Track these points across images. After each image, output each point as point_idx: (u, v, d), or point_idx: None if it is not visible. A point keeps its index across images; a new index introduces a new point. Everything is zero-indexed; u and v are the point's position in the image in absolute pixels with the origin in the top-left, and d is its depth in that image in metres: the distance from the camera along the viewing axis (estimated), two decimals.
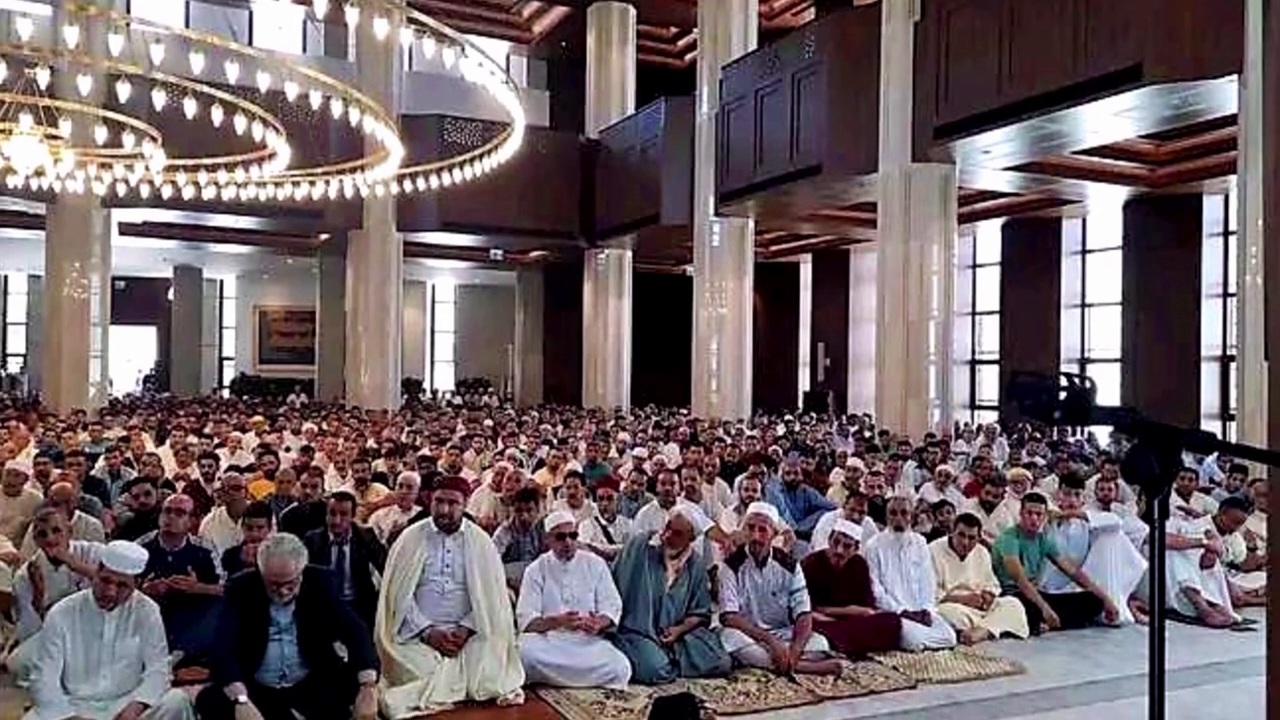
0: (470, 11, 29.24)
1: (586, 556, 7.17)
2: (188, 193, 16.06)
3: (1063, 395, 2.29)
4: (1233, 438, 14.46)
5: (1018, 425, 19.02)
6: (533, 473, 11.88)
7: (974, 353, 26.79)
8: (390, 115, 16.72)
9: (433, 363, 42.69)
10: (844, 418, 22.98)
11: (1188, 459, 11.72)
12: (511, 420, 20.30)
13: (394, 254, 25.27)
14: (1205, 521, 9.57)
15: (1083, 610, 8.44)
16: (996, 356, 25.55)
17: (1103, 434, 17.97)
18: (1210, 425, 19.98)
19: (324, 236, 28.34)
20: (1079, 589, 8.61)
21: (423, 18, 10.28)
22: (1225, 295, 20.10)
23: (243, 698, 5.34)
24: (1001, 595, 8.31)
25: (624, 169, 25.64)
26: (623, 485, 10.11)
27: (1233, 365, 15.59)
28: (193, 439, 13.85)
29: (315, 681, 5.69)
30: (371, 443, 14.94)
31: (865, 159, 17.56)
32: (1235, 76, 12.23)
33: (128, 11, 17.08)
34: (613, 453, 14.26)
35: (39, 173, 14.76)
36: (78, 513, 7.79)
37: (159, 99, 11.93)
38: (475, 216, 24.71)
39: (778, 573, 7.27)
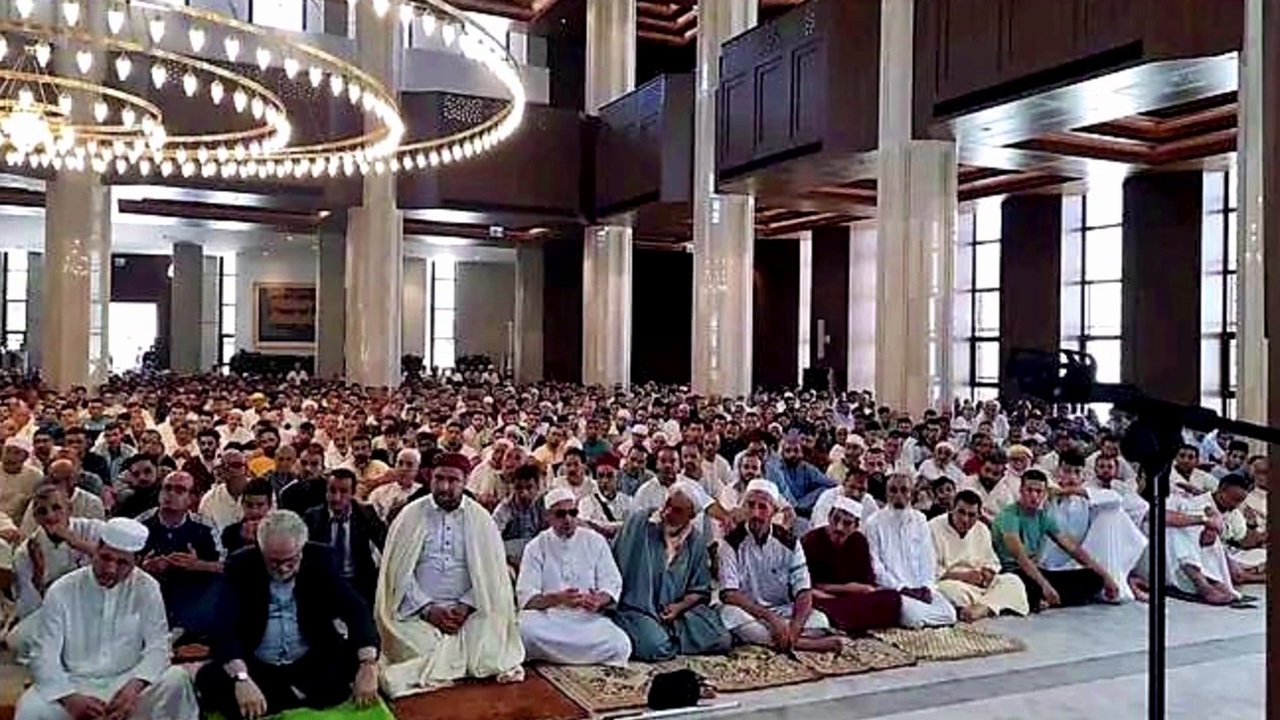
0: None
1: (586, 534, 7.17)
2: (188, 170, 16.07)
3: (1063, 372, 2.29)
4: (1233, 415, 14.46)
5: (1018, 402, 19.02)
6: (533, 450, 11.90)
7: (974, 330, 26.81)
8: (390, 92, 16.70)
9: (433, 340, 42.68)
10: (844, 395, 23.01)
11: (1188, 436, 11.75)
12: (511, 397, 20.31)
13: (394, 231, 25.30)
14: (1205, 499, 9.57)
15: (1083, 587, 8.45)
16: (996, 334, 25.55)
17: (1103, 411, 17.96)
18: (1210, 402, 20.05)
19: (324, 214, 28.33)
20: (1079, 566, 8.61)
21: None
22: (1225, 272, 20.11)
23: (243, 675, 5.36)
24: (1001, 572, 8.32)
25: (624, 146, 25.60)
26: (623, 462, 10.15)
27: (1233, 342, 15.57)
28: (193, 416, 13.85)
29: (315, 659, 5.71)
30: (371, 420, 14.95)
31: (865, 136, 17.53)
32: (1235, 53, 12.20)
33: None
34: (613, 430, 14.26)
35: (39, 150, 14.74)
36: (78, 490, 7.77)
37: (159, 76, 11.95)
38: (475, 194, 24.67)
39: (778, 550, 7.27)
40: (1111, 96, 14.64)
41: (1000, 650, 7.04)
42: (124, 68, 11.42)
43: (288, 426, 13.65)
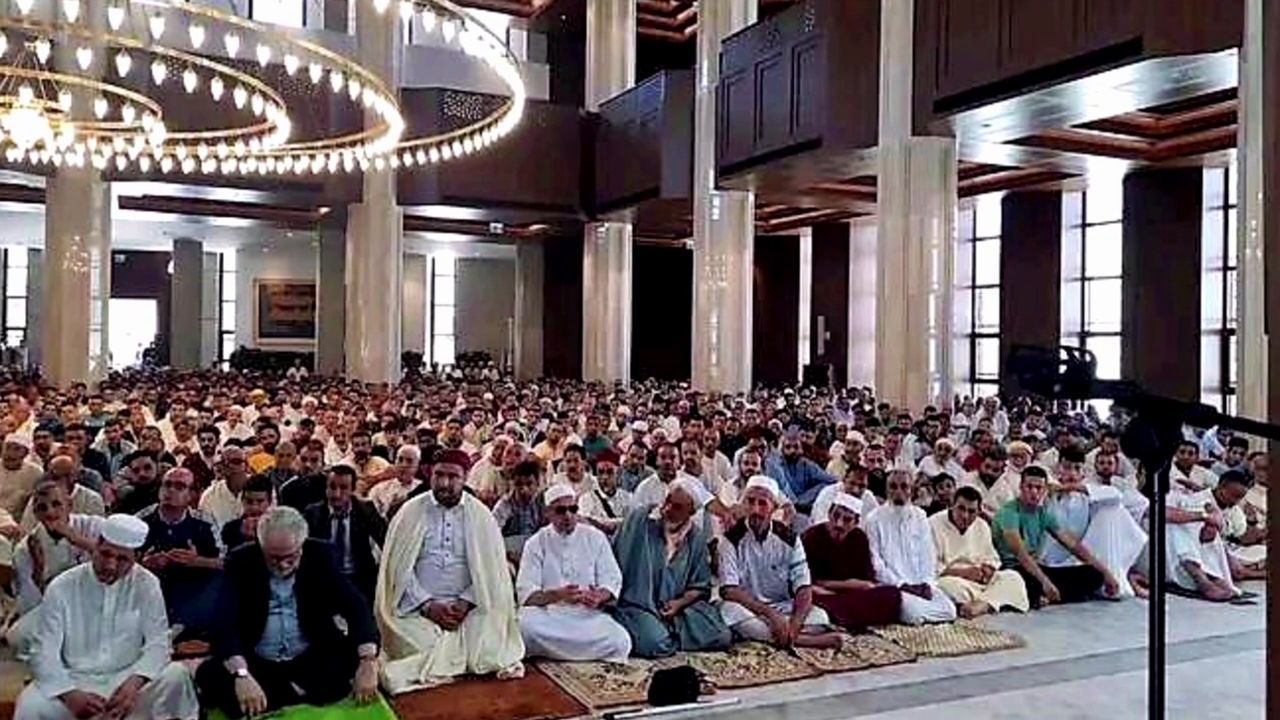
0: None
1: (586, 530, 7.17)
2: (188, 166, 16.05)
3: (1063, 369, 2.29)
4: (1233, 411, 14.46)
5: (1018, 399, 19.05)
6: (532, 446, 11.88)
7: (974, 326, 26.82)
8: (390, 89, 16.69)
9: (433, 336, 42.72)
10: (844, 391, 23.02)
11: (1188, 432, 11.75)
12: (511, 394, 20.28)
13: (394, 227, 25.30)
14: (1205, 495, 9.58)
15: (1083, 584, 8.44)
16: (996, 330, 25.56)
17: (1103, 407, 17.98)
18: (1210, 399, 20.06)
19: (324, 210, 28.30)
20: (1079, 562, 8.61)
21: None
22: (1225, 269, 20.12)
23: (243, 671, 5.37)
24: (1001, 569, 8.32)
25: (624, 142, 25.61)
26: (622, 459, 10.13)
27: (1233, 339, 15.59)
28: (193, 412, 13.85)
29: (315, 655, 5.72)
30: (371, 416, 14.97)
31: (865, 132, 17.51)
32: (1235, 50, 12.20)
33: None
34: (612, 426, 14.24)
35: (39, 146, 14.74)
36: (78, 486, 7.79)
37: (159, 73, 11.95)
38: (475, 190, 24.69)
39: (778, 546, 7.27)
40: (1111, 93, 14.63)
41: (1000, 647, 7.04)
42: (124, 64, 11.41)
43: (288, 423, 13.63)
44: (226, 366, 36.60)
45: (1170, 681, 2.38)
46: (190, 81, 11.79)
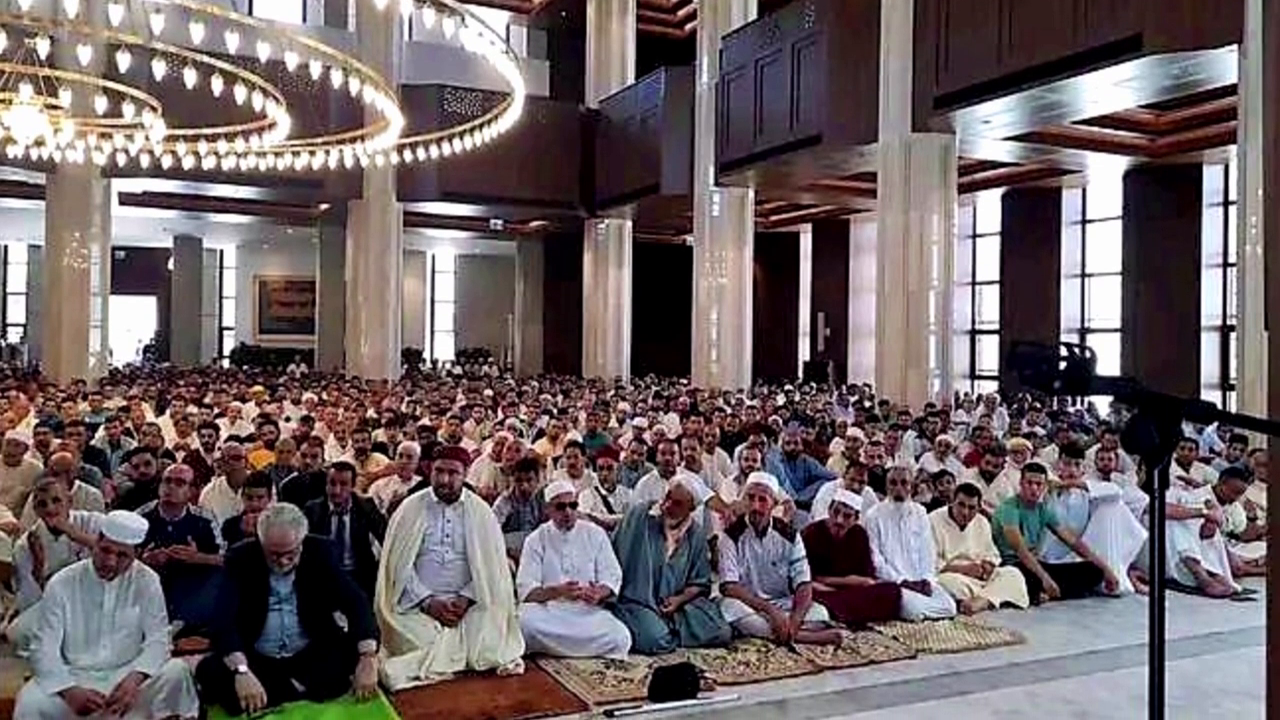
0: None
1: (586, 526, 7.16)
2: (188, 163, 16.02)
3: (1063, 365, 2.29)
4: (1232, 407, 14.47)
5: (1018, 395, 19.02)
6: (533, 443, 11.87)
7: (974, 323, 26.77)
8: (390, 85, 16.70)
9: (433, 333, 42.64)
10: (844, 388, 22.96)
11: (1188, 429, 11.74)
12: (511, 390, 20.30)
13: (394, 224, 25.26)
14: (1205, 491, 9.58)
15: (1083, 580, 8.45)
16: (996, 326, 25.53)
17: (1103, 404, 17.98)
18: (1210, 395, 20.01)
19: (324, 206, 28.29)
20: (1079, 559, 8.61)
21: None
22: (1225, 265, 20.10)
23: (243, 668, 5.38)
24: (1001, 565, 8.32)
25: (624, 139, 25.60)
26: (623, 455, 10.10)
27: (1233, 335, 15.59)
28: (193, 409, 13.84)
29: (315, 651, 5.72)
30: (371, 413, 14.95)
31: (865, 129, 17.52)
32: (1235, 46, 12.20)
33: None
34: (613, 423, 14.25)
35: (39, 142, 14.73)
36: (78, 483, 7.79)
37: (159, 69, 11.92)
38: (475, 186, 24.69)
39: (778, 543, 7.27)
40: (1111, 89, 14.62)
41: (1000, 643, 7.04)
42: (124, 60, 11.42)
43: (288, 419, 13.64)
44: (226, 363, 36.51)
45: (1170, 678, 2.37)
46: (190, 78, 11.80)
